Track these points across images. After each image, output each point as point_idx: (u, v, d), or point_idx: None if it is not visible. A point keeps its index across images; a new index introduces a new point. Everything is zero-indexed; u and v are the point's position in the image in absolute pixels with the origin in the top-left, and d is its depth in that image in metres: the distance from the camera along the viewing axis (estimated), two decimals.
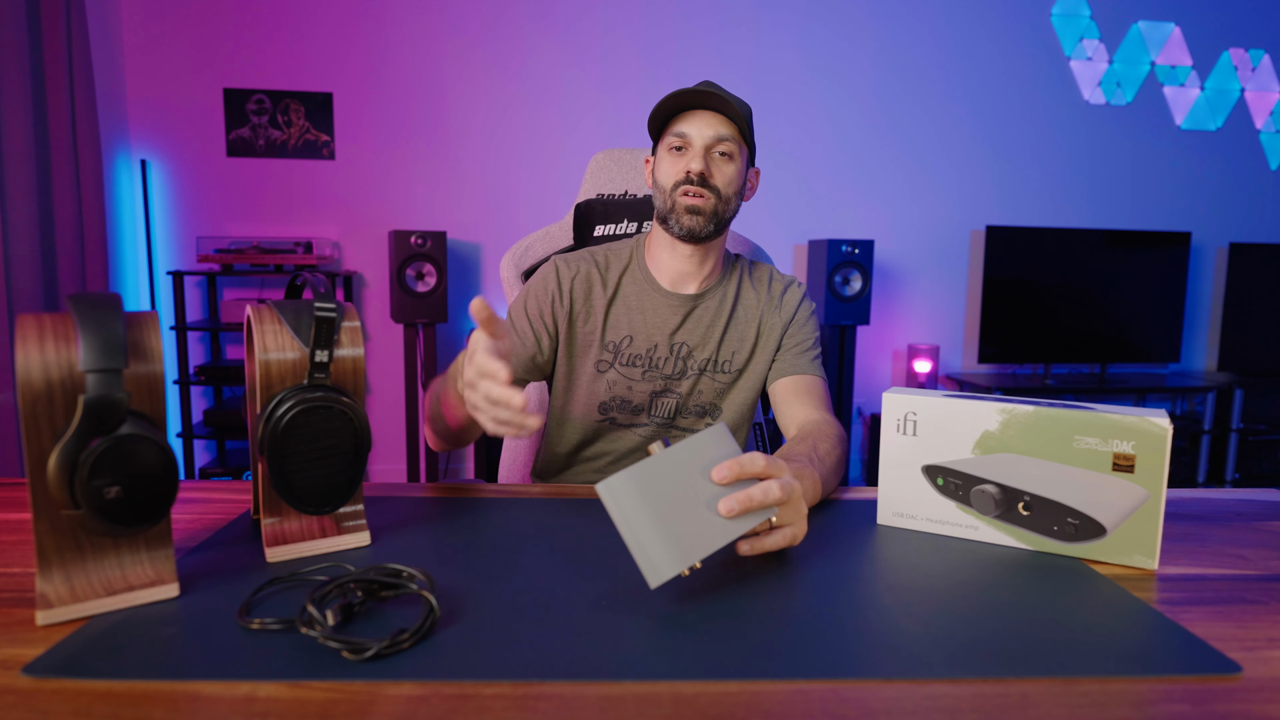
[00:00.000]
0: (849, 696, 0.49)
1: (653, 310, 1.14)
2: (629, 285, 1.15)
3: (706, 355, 1.14)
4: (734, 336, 1.16)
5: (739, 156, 1.07)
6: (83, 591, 0.58)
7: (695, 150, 1.05)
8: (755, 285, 1.18)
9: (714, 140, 1.05)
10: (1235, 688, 0.52)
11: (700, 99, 1.03)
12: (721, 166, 1.06)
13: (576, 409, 1.15)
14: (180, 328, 2.96)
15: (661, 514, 0.62)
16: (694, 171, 1.04)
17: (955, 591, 0.66)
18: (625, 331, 1.14)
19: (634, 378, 1.13)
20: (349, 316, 0.73)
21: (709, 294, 1.15)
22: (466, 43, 3.20)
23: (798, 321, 1.16)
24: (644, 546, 0.60)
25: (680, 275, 1.13)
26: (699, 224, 1.06)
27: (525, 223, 3.27)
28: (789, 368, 1.14)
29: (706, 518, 0.63)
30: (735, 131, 1.05)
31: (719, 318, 1.15)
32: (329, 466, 0.70)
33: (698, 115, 1.05)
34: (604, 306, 1.14)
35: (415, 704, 0.48)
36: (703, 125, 1.05)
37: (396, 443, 3.35)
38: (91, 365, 0.54)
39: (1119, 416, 0.71)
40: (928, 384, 3.33)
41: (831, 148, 3.41)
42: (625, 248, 1.18)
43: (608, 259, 1.17)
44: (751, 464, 0.67)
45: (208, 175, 3.14)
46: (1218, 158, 3.57)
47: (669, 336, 1.14)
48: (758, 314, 1.16)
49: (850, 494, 0.95)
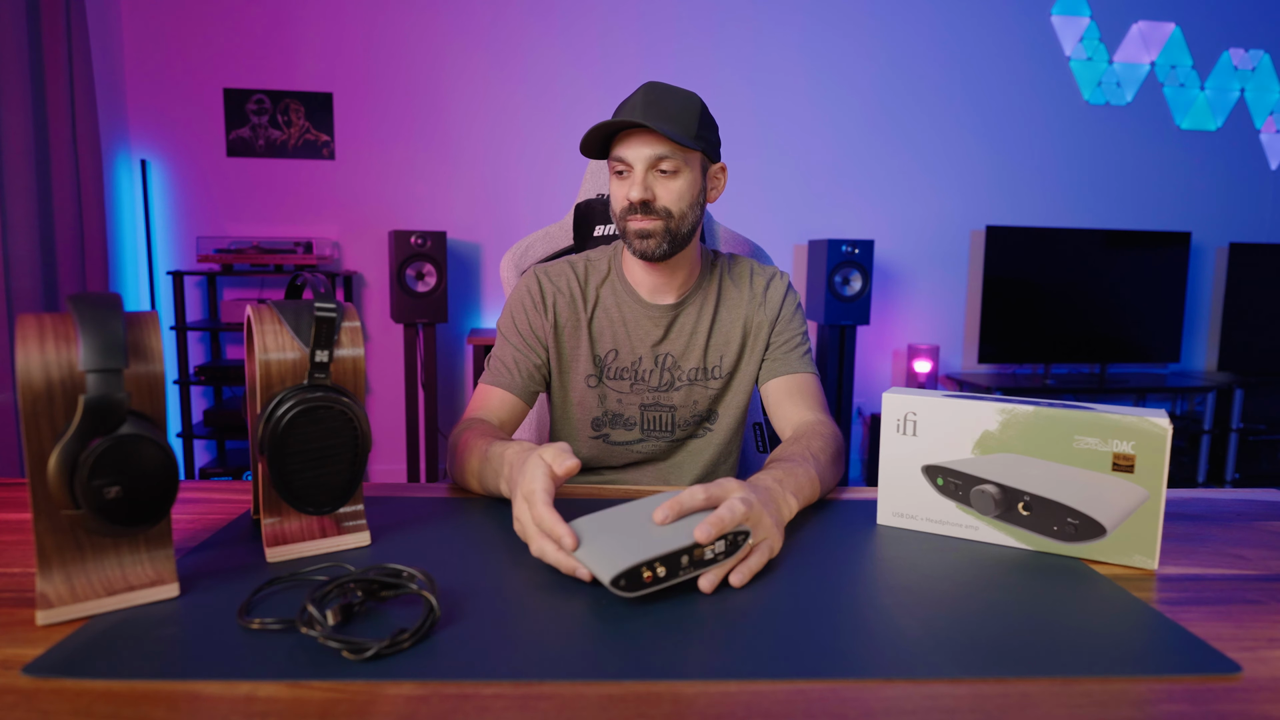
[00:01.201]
0: (848, 696, 0.50)
1: (634, 322, 1.12)
2: (609, 297, 1.13)
3: (693, 364, 1.13)
4: (719, 341, 1.14)
5: (686, 167, 1.02)
6: (83, 591, 0.58)
7: (635, 175, 1.02)
8: (736, 283, 1.16)
9: (653, 160, 1.01)
10: (1235, 688, 0.52)
11: (627, 124, 0.99)
12: (666, 184, 1.02)
13: (570, 426, 1.15)
14: (180, 328, 2.96)
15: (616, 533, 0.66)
16: (635, 200, 1.01)
17: (955, 591, 0.66)
18: (610, 345, 1.12)
19: (623, 390, 1.12)
20: (349, 316, 0.73)
21: (689, 301, 1.13)
22: (466, 43, 3.20)
23: (784, 318, 1.14)
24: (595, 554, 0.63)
25: (655, 287, 1.11)
26: (650, 247, 1.03)
27: (525, 223, 3.27)
28: (780, 368, 1.13)
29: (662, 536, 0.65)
30: (673, 146, 1.01)
31: (700, 324, 1.13)
32: (329, 466, 0.70)
33: (634, 135, 1.01)
34: (587, 320, 1.12)
35: (415, 704, 0.48)
36: (639, 145, 1.01)
37: (396, 443, 3.35)
38: (91, 365, 0.54)
39: (1119, 416, 0.71)
40: (928, 384, 3.33)
41: (831, 148, 3.41)
42: (603, 257, 1.16)
43: (587, 270, 1.15)
44: (691, 499, 0.68)
45: (208, 175, 3.14)
46: (1218, 158, 3.57)
47: (652, 349, 1.12)
48: (742, 314, 1.14)
49: (850, 494, 0.95)
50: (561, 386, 1.14)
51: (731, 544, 0.65)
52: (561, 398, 1.14)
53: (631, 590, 0.60)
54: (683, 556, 0.63)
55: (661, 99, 1.01)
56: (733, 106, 3.32)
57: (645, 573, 0.61)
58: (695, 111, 1.03)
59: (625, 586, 0.60)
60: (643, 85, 1.03)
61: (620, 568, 0.60)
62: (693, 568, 0.64)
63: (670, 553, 0.62)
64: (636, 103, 1.01)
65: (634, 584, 0.60)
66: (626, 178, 1.03)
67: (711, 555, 0.64)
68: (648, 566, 0.61)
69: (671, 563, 0.62)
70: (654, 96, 1.01)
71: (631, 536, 0.64)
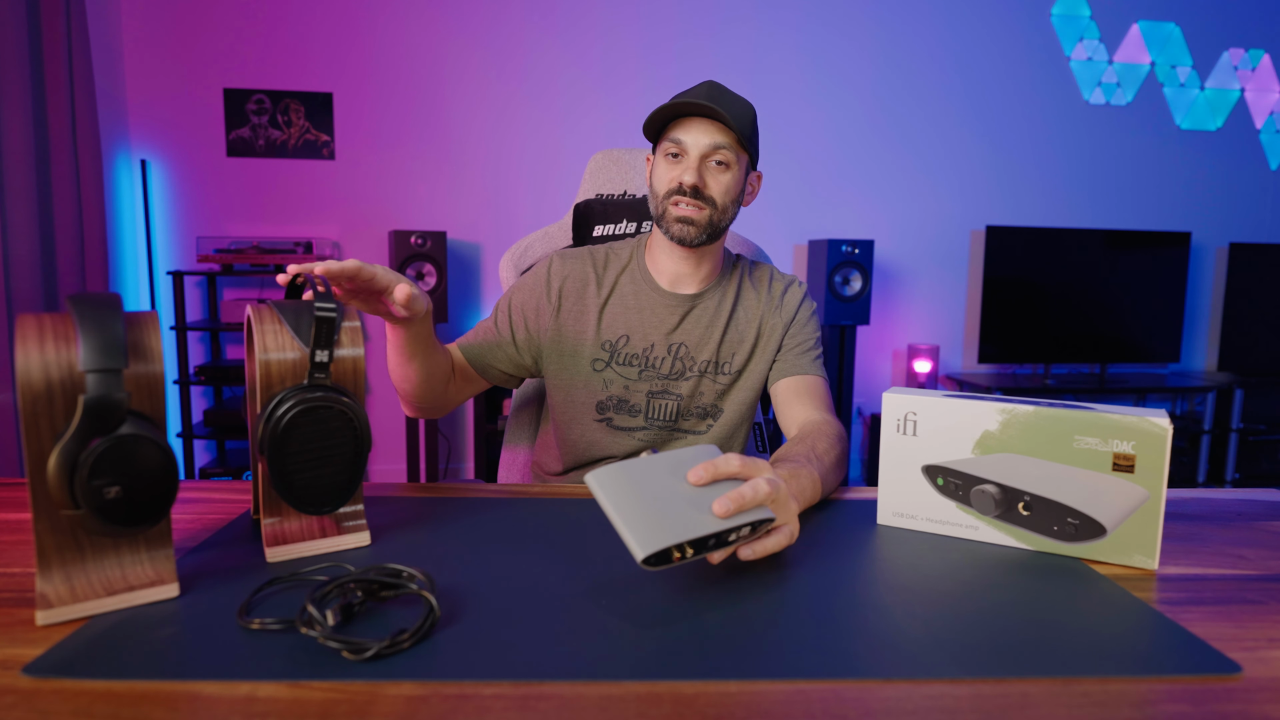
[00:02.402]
0: (848, 696, 0.49)
1: (650, 310, 1.14)
2: (627, 284, 1.15)
3: (707, 357, 1.14)
4: (733, 337, 1.15)
5: (736, 164, 1.05)
6: (83, 591, 0.58)
7: (690, 160, 1.03)
8: (756, 286, 1.18)
9: (710, 149, 1.03)
10: (1235, 688, 0.52)
11: (697, 107, 1.02)
12: (717, 176, 1.04)
13: (573, 409, 1.15)
14: (180, 328, 2.96)
15: (649, 500, 0.63)
16: (686, 184, 1.03)
17: (955, 591, 0.66)
18: (622, 330, 1.13)
19: (630, 377, 1.13)
20: (349, 316, 0.73)
21: (707, 294, 1.15)
22: (466, 43, 3.20)
23: (799, 322, 1.16)
24: (631, 523, 0.60)
25: (678, 276, 1.13)
26: (690, 234, 1.05)
27: (525, 223, 3.27)
28: (790, 368, 1.14)
29: (693, 512, 0.64)
30: (733, 140, 1.03)
31: (718, 318, 1.14)
32: (329, 466, 0.70)
33: (695, 122, 1.04)
34: (598, 305, 1.13)
35: (415, 704, 0.48)
36: (699, 133, 1.03)
37: (396, 443, 3.35)
38: (91, 365, 0.54)
39: (1119, 416, 0.71)
40: (928, 384, 3.33)
41: (831, 148, 3.41)
42: (627, 247, 1.18)
43: (608, 257, 1.17)
44: (726, 464, 0.67)
45: (208, 175, 3.14)
46: (1218, 158, 3.57)
47: (666, 336, 1.13)
48: (758, 315, 1.16)
49: (850, 494, 0.95)
50: (562, 369, 1.14)
51: (753, 529, 0.66)
52: (564, 380, 1.15)
53: (655, 565, 0.60)
54: (710, 539, 0.63)
55: (724, 95, 1.04)
56: None
57: (675, 554, 0.61)
58: (751, 116, 1.07)
59: (652, 562, 0.60)
60: (705, 81, 1.07)
61: (654, 548, 0.59)
62: (717, 546, 0.64)
63: (703, 537, 0.62)
64: (700, 91, 1.04)
65: (661, 561, 0.60)
66: (680, 161, 1.05)
67: (735, 539, 0.65)
68: (679, 548, 0.61)
69: (700, 544, 0.63)
70: (717, 91, 1.04)
71: (669, 507, 0.63)
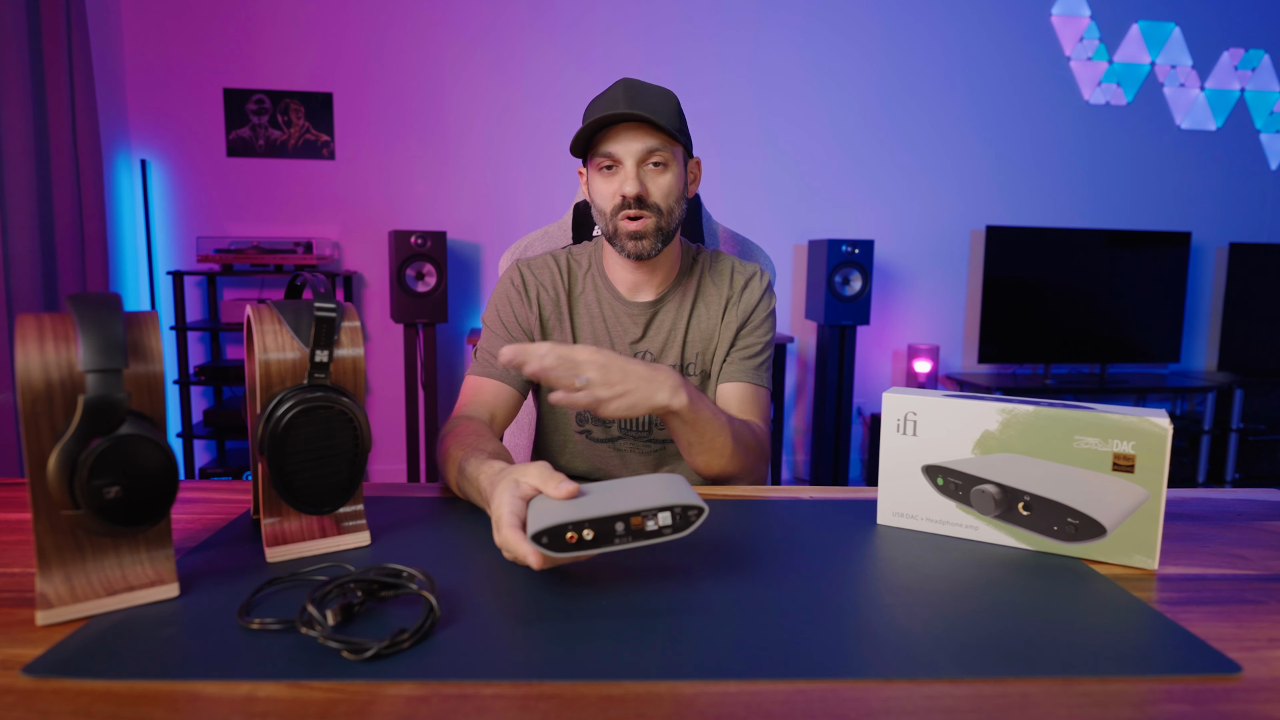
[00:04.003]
0: (848, 696, 0.49)
1: (614, 319, 1.13)
2: (590, 293, 1.14)
3: (671, 362, 1.13)
4: (696, 338, 1.14)
5: (674, 160, 1.03)
6: (83, 591, 0.58)
7: (627, 169, 1.01)
8: (716, 281, 1.15)
9: (644, 154, 1.00)
10: (1235, 688, 0.52)
11: (621, 116, 0.98)
12: (657, 179, 1.02)
13: (557, 420, 1.15)
14: (180, 328, 2.96)
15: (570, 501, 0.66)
16: (629, 195, 1.00)
17: (955, 591, 0.66)
18: (590, 341, 1.13)
19: None
20: (349, 316, 0.73)
21: (667, 298, 1.13)
22: (466, 43, 3.20)
23: (752, 323, 1.14)
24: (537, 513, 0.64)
25: (635, 285, 1.12)
26: (644, 247, 1.04)
27: (525, 223, 3.27)
28: (734, 373, 1.12)
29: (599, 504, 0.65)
30: (664, 138, 1.00)
31: (679, 322, 1.13)
32: (329, 466, 0.70)
33: (622, 129, 1.00)
34: (569, 314, 1.13)
35: (415, 704, 0.48)
36: (629, 140, 1.00)
37: (396, 443, 3.35)
38: (91, 365, 0.54)
39: (1119, 416, 0.71)
40: (928, 384, 3.33)
41: (831, 148, 3.41)
42: (584, 253, 1.16)
43: (569, 264, 1.15)
44: (571, 352, 0.80)
45: (208, 175, 3.14)
46: (1218, 158, 3.57)
47: (630, 346, 1.13)
48: (719, 311, 1.14)
49: (850, 494, 0.95)
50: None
51: (681, 518, 0.63)
52: (547, 391, 1.14)
53: (556, 550, 0.61)
54: (616, 524, 0.62)
55: (643, 93, 1.00)
56: (733, 106, 3.32)
57: (569, 534, 0.61)
58: (675, 105, 1.03)
59: (549, 545, 0.61)
60: (619, 81, 1.02)
61: (542, 525, 0.61)
62: (631, 538, 0.62)
63: (599, 517, 0.62)
64: (619, 96, 1.00)
65: (557, 544, 0.61)
66: (616, 173, 1.02)
67: (654, 528, 0.63)
68: (573, 528, 0.61)
69: (603, 528, 0.62)
70: (634, 91, 1.00)
71: (573, 504, 0.65)
